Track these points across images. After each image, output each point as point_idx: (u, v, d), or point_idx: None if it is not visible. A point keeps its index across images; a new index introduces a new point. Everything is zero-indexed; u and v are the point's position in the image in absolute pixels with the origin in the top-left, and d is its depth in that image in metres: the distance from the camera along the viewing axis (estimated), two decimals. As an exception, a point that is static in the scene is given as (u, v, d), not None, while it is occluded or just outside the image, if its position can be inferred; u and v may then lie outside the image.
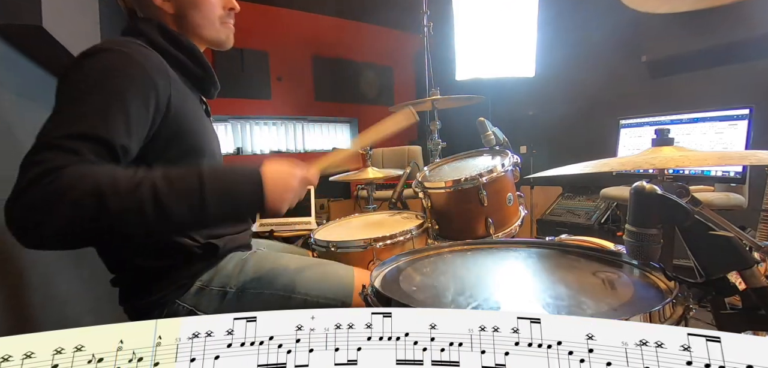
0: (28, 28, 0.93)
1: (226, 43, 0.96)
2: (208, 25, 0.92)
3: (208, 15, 0.91)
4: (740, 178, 1.78)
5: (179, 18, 0.90)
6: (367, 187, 2.30)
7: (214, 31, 0.93)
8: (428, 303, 0.64)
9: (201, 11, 0.90)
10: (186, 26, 0.91)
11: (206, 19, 0.91)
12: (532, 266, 0.80)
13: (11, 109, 0.98)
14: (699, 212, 0.62)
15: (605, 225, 2.97)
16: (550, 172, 0.84)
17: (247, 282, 0.89)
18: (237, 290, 0.88)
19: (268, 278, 0.90)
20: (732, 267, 0.60)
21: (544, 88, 3.60)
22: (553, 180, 3.53)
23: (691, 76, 2.99)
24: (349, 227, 1.44)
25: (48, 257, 1.12)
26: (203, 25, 0.92)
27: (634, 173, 1.75)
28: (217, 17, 0.93)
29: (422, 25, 2.54)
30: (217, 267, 0.90)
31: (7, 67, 0.99)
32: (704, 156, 0.78)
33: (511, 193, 1.25)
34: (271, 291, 0.89)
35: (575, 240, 1.06)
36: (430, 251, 0.91)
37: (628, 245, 0.72)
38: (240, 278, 0.89)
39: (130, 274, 0.86)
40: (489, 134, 1.37)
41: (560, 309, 0.58)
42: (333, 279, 0.93)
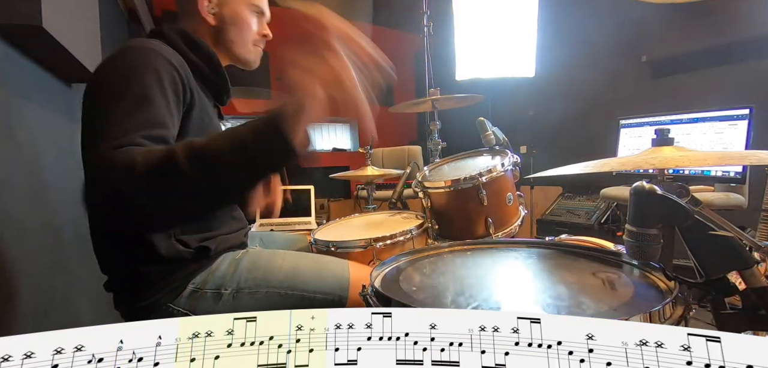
0: (28, 28, 0.93)
1: (253, 64, 1.03)
2: (242, 44, 0.99)
3: (245, 35, 0.98)
4: (740, 178, 1.78)
5: (218, 31, 0.96)
6: (367, 187, 2.30)
7: (246, 51, 1.00)
8: (428, 303, 0.64)
9: (240, 30, 0.98)
10: (222, 40, 0.97)
11: (242, 38, 0.98)
12: (532, 266, 0.80)
13: (11, 109, 0.98)
14: (699, 212, 0.62)
15: (605, 225, 2.97)
16: (550, 172, 0.84)
17: (242, 283, 0.88)
18: (232, 291, 0.87)
19: (264, 276, 0.90)
20: (732, 267, 0.60)
21: (544, 88, 3.60)
22: (553, 180, 3.53)
23: (691, 76, 2.99)
24: (349, 227, 1.44)
25: (48, 257, 1.13)
26: (238, 43, 0.98)
27: (634, 173, 1.74)
28: (251, 39, 1.00)
29: (422, 25, 2.54)
30: (209, 269, 0.89)
31: (7, 67, 0.99)
32: (704, 156, 0.78)
33: (511, 193, 1.25)
34: (266, 289, 0.89)
35: (575, 240, 1.06)
36: (430, 251, 0.91)
37: (628, 245, 0.72)
38: (234, 278, 0.89)
39: (121, 279, 0.86)
40: (489, 134, 1.37)
41: (560, 309, 0.58)
42: (329, 273, 0.93)
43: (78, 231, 1.26)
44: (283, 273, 0.91)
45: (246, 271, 0.90)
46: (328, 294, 0.90)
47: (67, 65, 1.14)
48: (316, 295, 0.90)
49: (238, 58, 1.01)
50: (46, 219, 1.12)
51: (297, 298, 0.89)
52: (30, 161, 1.05)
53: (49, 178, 1.14)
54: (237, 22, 0.97)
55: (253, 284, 0.89)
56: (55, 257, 1.16)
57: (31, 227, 1.04)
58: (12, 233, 0.93)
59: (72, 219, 1.24)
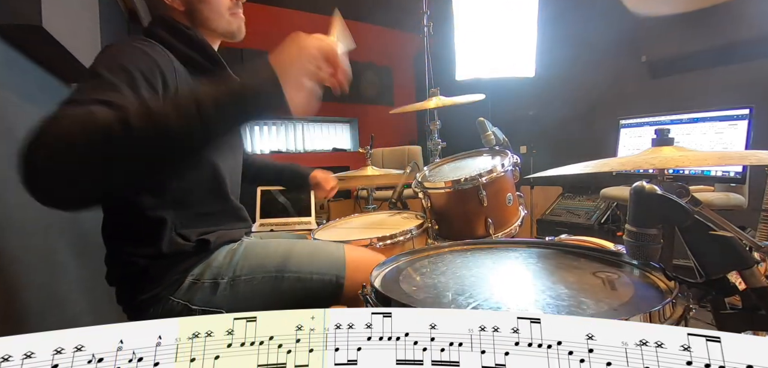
0: (28, 28, 0.93)
1: (237, 33, 0.98)
2: (218, 17, 0.94)
3: (217, 7, 0.94)
4: (740, 178, 1.78)
5: (189, 13, 0.92)
6: (367, 187, 2.30)
7: (225, 22, 0.95)
8: (428, 303, 0.64)
9: (209, 4, 0.93)
10: (197, 21, 0.93)
11: (215, 12, 0.93)
12: (532, 266, 0.80)
13: (11, 109, 0.98)
14: (699, 212, 0.62)
15: (605, 225, 2.97)
16: (550, 172, 0.84)
17: (238, 270, 0.89)
18: (229, 280, 0.88)
19: (259, 262, 0.90)
20: (732, 267, 0.60)
21: (544, 88, 3.60)
22: (553, 180, 3.53)
23: (691, 76, 2.99)
24: (349, 227, 1.44)
25: (48, 257, 1.13)
26: (212, 18, 0.94)
27: (634, 173, 1.74)
28: (225, 8, 0.95)
29: (422, 25, 2.54)
30: (207, 261, 0.90)
31: (7, 67, 0.99)
32: (704, 156, 0.78)
33: (511, 193, 1.25)
34: (262, 274, 0.89)
35: (575, 240, 1.06)
36: (430, 251, 0.91)
37: (628, 245, 0.72)
38: (231, 267, 0.89)
39: (123, 271, 0.87)
40: (489, 134, 1.37)
41: (560, 309, 0.58)
42: (324, 255, 0.93)
43: (78, 232, 1.25)
44: (278, 257, 0.91)
45: (242, 259, 0.90)
46: (325, 275, 0.90)
47: (67, 65, 1.14)
48: (313, 276, 0.90)
49: (220, 33, 0.97)
50: (46, 220, 1.12)
51: (293, 280, 0.89)
52: (30, 161, 1.05)
53: (49, 178, 1.14)
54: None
55: (248, 271, 0.89)
56: (55, 257, 1.16)
57: (31, 227, 1.04)
58: (12, 233, 0.93)
59: (72, 219, 1.24)
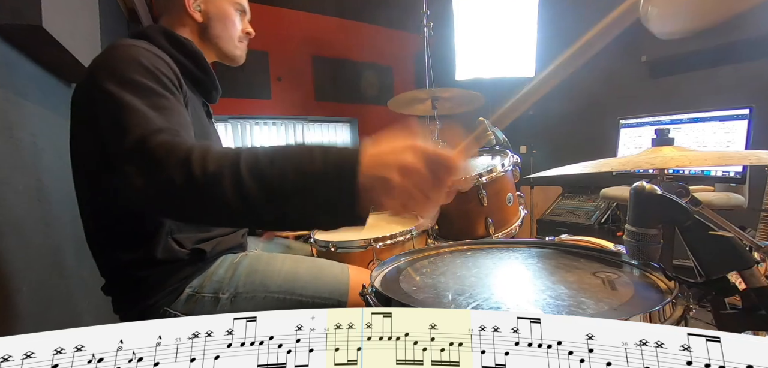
0: (28, 28, 0.93)
1: (238, 60, 1.06)
2: (228, 40, 1.02)
3: (230, 31, 1.02)
4: (740, 178, 1.78)
5: (204, 28, 0.99)
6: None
7: (232, 47, 1.03)
8: (428, 303, 0.64)
9: (225, 27, 1.01)
10: (208, 36, 1.00)
11: (227, 34, 1.01)
12: (532, 266, 0.80)
13: (11, 109, 0.98)
14: (699, 212, 0.62)
15: (605, 225, 2.96)
16: (550, 172, 0.84)
17: (240, 287, 0.88)
18: (230, 296, 0.87)
19: (261, 281, 0.89)
20: (732, 267, 0.60)
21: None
22: (553, 180, 3.53)
23: (691, 76, 2.99)
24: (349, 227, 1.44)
25: (48, 257, 1.13)
26: (224, 39, 1.01)
27: (634, 173, 1.75)
28: (236, 36, 1.03)
29: (422, 24, 2.54)
30: (207, 272, 0.89)
31: (7, 67, 0.99)
32: (704, 156, 0.78)
33: (511, 193, 1.25)
34: (264, 294, 0.88)
35: (575, 240, 1.06)
36: (430, 251, 0.91)
37: (628, 245, 0.72)
38: (232, 283, 0.88)
39: (119, 282, 0.86)
40: (489, 134, 1.37)
41: (560, 309, 0.58)
42: (328, 278, 0.93)
43: (78, 232, 1.25)
44: (281, 278, 0.90)
45: (244, 275, 0.89)
46: (327, 300, 0.90)
47: (67, 65, 1.14)
48: (315, 300, 0.89)
49: (225, 55, 1.04)
50: (46, 220, 1.12)
51: (295, 303, 0.88)
52: (30, 161, 1.05)
53: (49, 178, 1.14)
54: (222, 19, 1.00)
55: (250, 289, 0.88)
56: (55, 257, 1.16)
57: (31, 227, 1.04)
58: (12, 233, 0.93)
59: (72, 219, 1.24)
